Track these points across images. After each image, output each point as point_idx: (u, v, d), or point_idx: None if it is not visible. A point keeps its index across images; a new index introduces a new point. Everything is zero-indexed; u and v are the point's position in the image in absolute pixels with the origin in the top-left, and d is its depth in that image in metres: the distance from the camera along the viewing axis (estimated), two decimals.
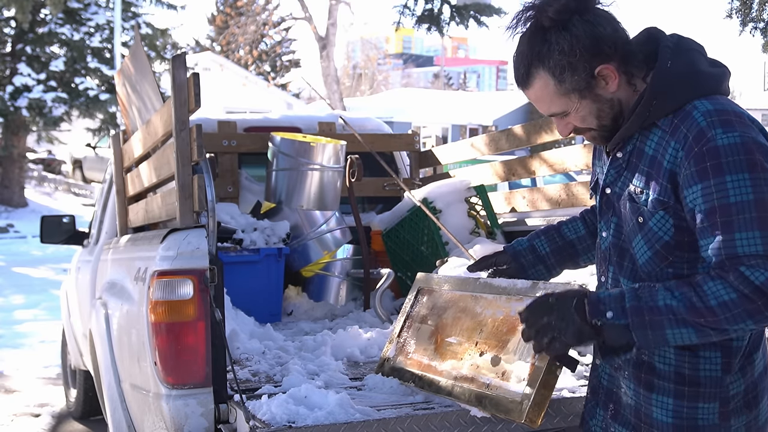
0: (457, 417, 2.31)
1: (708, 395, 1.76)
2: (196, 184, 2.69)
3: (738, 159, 1.62)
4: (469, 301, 2.41)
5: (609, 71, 1.75)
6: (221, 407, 2.55)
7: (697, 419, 1.77)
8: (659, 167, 1.72)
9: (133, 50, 3.69)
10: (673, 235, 1.73)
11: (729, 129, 1.65)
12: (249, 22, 26.87)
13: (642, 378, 1.82)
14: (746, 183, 1.61)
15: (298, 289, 4.31)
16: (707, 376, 1.76)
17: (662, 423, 1.79)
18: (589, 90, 1.76)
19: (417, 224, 4.12)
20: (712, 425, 1.77)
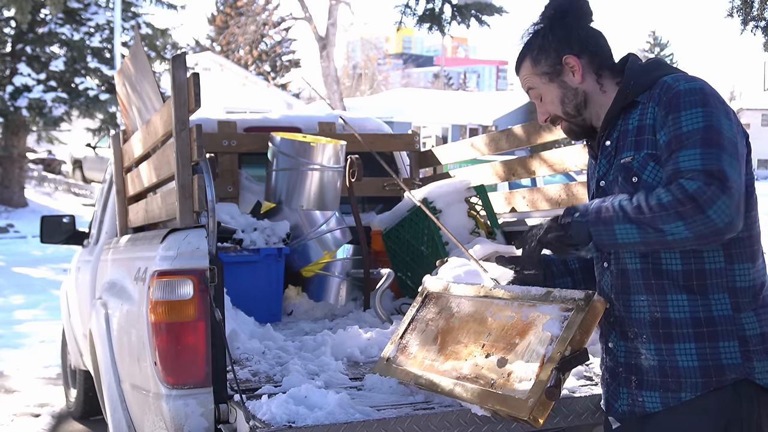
0: (457, 417, 2.31)
1: (726, 333, 1.89)
2: (196, 184, 2.68)
3: (694, 98, 1.88)
4: (479, 306, 2.40)
5: (573, 62, 2.04)
6: (221, 407, 2.55)
7: (721, 359, 1.89)
8: (644, 129, 1.95)
9: (133, 50, 3.69)
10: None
11: (692, 80, 1.93)
12: (249, 22, 26.88)
13: (661, 334, 1.93)
14: (698, 115, 1.85)
15: (298, 289, 4.31)
16: (720, 315, 1.90)
17: (689, 369, 1.90)
18: (557, 75, 2.07)
19: (417, 224, 4.12)
20: (736, 365, 1.89)
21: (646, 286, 1.95)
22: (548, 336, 2.05)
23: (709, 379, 1.89)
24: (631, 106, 2.00)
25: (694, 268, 1.92)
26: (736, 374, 1.89)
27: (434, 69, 71.19)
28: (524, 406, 1.99)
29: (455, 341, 2.40)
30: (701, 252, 1.91)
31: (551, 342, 2.03)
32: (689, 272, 1.92)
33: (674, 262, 1.93)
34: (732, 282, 1.91)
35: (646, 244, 1.84)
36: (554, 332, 2.04)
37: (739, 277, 1.91)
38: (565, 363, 1.96)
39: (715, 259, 1.91)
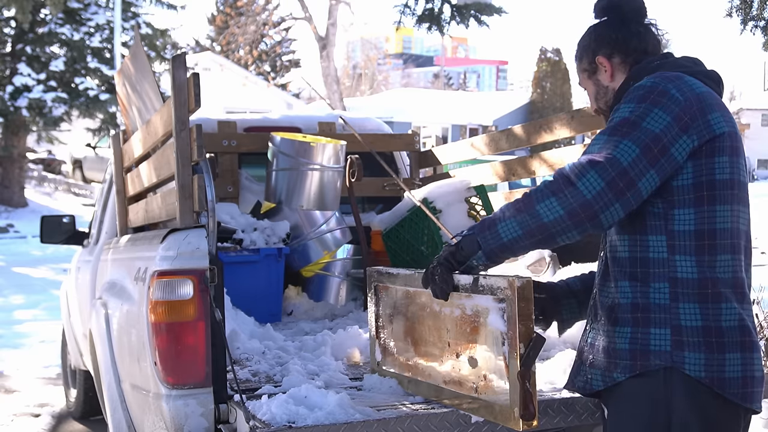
0: (457, 417, 2.31)
1: (659, 320, 1.96)
2: (196, 184, 2.68)
3: (636, 94, 1.98)
4: (423, 298, 2.40)
5: (603, 62, 2.17)
6: (221, 407, 2.55)
7: (649, 344, 1.96)
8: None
9: (133, 50, 3.69)
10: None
11: (653, 77, 2.02)
12: (249, 22, 26.89)
13: (611, 317, 2.04)
14: (629, 108, 1.95)
15: (298, 289, 4.31)
16: (657, 303, 1.97)
17: (622, 350, 2.00)
18: (592, 73, 2.21)
19: (417, 224, 4.12)
20: (664, 352, 1.95)
21: (612, 273, 2.06)
22: (498, 332, 2.07)
23: (635, 362, 1.97)
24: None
25: (639, 255, 2.00)
26: (662, 361, 1.95)
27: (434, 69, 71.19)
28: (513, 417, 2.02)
29: (423, 340, 2.41)
30: (646, 241, 1.99)
31: (503, 341, 2.05)
32: (634, 259, 2.01)
33: (624, 249, 2.03)
34: (673, 273, 1.96)
35: (529, 235, 1.93)
36: (501, 328, 2.06)
37: (680, 269, 1.96)
38: (527, 361, 1.99)
39: (658, 248, 1.98)
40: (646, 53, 2.15)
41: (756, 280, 5.30)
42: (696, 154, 1.95)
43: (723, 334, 1.93)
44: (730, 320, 1.95)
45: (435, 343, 2.35)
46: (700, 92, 1.99)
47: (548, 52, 42.48)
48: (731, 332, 1.94)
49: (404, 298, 2.52)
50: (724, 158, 1.97)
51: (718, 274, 1.96)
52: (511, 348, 2.02)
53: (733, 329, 1.94)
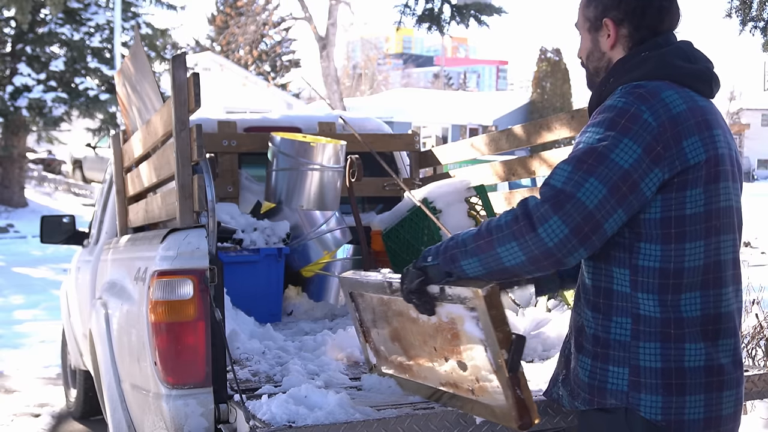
0: (456, 417, 2.31)
1: (617, 358, 1.87)
2: (196, 184, 2.69)
3: (607, 117, 1.82)
4: (399, 305, 2.31)
5: (609, 25, 1.97)
6: (221, 407, 2.55)
7: (607, 382, 1.88)
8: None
9: (133, 50, 3.69)
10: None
11: (626, 96, 1.84)
12: (249, 22, 26.87)
13: (578, 341, 1.97)
14: (597, 134, 1.81)
15: (298, 289, 4.31)
16: (616, 339, 1.87)
17: (582, 382, 1.94)
18: (594, 30, 2.01)
19: (417, 224, 4.12)
20: (620, 392, 1.86)
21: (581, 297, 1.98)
22: (477, 339, 2.02)
23: (593, 397, 1.91)
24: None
25: (603, 285, 1.89)
26: (617, 401, 1.87)
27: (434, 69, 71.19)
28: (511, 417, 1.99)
29: (410, 345, 2.38)
30: (611, 271, 1.87)
31: (485, 347, 2.00)
32: (598, 289, 1.91)
33: (588, 276, 1.93)
34: (636, 309, 1.85)
35: (492, 274, 1.86)
36: (479, 335, 2.01)
37: (642, 306, 1.84)
38: (512, 364, 1.94)
39: (622, 282, 1.86)
40: (656, 33, 1.94)
41: (756, 280, 5.32)
42: (666, 186, 1.80)
43: (685, 375, 1.83)
44: (695, 361, 1.83)
45: (422, 347, 2.32)
46: (677, 113, 1.82)
47: (548, 52, 42.48)
48: (694, 373, 1.83)
49: (380, 305, 2.48)
50: (696, 191, 1.81)
51: (684, 313, 1.83)
52: (494, 356, 1.97)
53: (696, 370, 1.83)
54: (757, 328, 4.62)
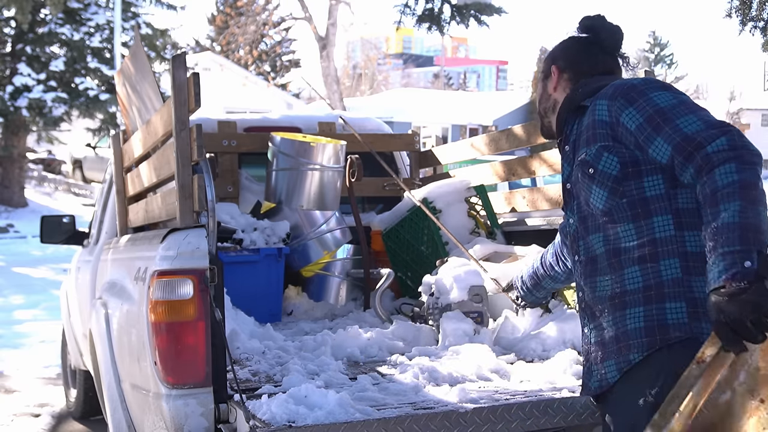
0: (457, 417, 2.31)
1: (673, 295, 1.97)
2: (196, 184, 2.69)
3: (655, 84, 2.05)
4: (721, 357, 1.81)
5: (554, 72, 2.30)
6: (221, 407, 2.55)
7: (666, 318, 1.96)
8: (593, 124, 2.09)
9: (133, 50, 3.69)
10: (619, 170, 2.03)
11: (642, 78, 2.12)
12: (249, 22, 26.87)
13: (617, 304, 2.05)
14: (668, 95, 2.00)
15: (298, 289, 4.31)
16: (669, 278, 1.98)
17: (635, 330, 2.00)
18: (544, 77, 2.34)
19: (417, 224, 4.12)
20: (682, 324, 1.95)
21: (610, 265, 2.07)
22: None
23: (653, 338, 1.97)
24: (579, 111, 2.18)
25: (646, 239, 2.01)
26: (681, 333, 1.95)
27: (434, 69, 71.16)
28: None
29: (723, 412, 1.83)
30: (652, 222, 2.01)
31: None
32: (642, 244, 2.02)
33: (631, 238, 2.03)
34: (683, 247, 1.98)
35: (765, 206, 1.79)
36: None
37: (689, 243, 1.98)
38: None
39: (665, 227, 2.00)
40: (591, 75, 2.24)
41: None
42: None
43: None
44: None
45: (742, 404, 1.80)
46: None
47: (548, 52, 42.39)
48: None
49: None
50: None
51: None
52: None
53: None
54: None
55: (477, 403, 2.42)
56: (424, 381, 2.70)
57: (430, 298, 3.42)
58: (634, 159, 2.02)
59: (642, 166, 2.02)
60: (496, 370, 2.82)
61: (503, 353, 3.09)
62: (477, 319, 3.28)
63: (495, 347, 3.14)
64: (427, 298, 3.44)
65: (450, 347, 3.11)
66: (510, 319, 3.27)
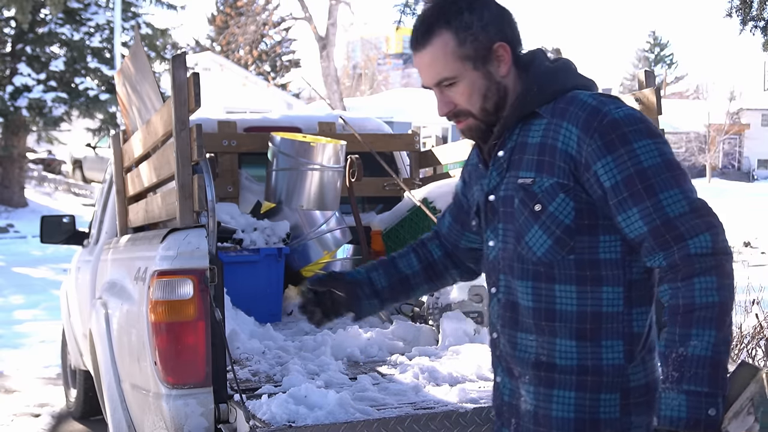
0: (457, 417, 2.31)
1: (610, 385, 1.69)
2: (196, 184, 2.69)
3: (638, 127, 1.64)
4: None
5: (504, 51, 1.74)
6: (221, 407, 2.55)
7: (599, 412, 1.69)
8: (553, 151, 1.69)
9: (133, 50, 3.69)
10: (573, 219, 1.68)
11: (619, 104, 1.68)
12: (249, 22, 26.87)
13: (542, 377, 1.73)
14: (652, 147, 1.63)
15: (298, 289, 4.31)
16: (610, 364, 1.69)
17: (563, 420, 1.70)
18: (483, 63, 1.74)
19: (417, 224, 4.12)
20: (614, 419, 1.69)
21: (537, 326, 1.73)
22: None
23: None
24: (530, 117, 1.75)
25: (590, 310, 1.69)
26: (612, 430, 1.69)
27: None
28: None
29: None
30: (600, 293, 1.68)
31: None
32: (584, 314, 1.69)
33: (569, 302, 1.70)
34: (629, 327, 1.69)
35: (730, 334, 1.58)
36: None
37: (636, 322, 1.70)
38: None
39: (614, 301, 1.68)
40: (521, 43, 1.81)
41: (756, 280, 5.32)
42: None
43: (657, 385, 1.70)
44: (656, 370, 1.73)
45: None
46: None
47: (548, 52, 42.40)
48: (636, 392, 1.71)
49: None
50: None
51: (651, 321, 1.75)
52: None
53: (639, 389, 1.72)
54: (757, 328, 4.62)
55: (477, 403, 2.42)
56: (424, 381, 2.70)
57: (430, 298, 3.42)
58: (592, 209, 1.67)
59: (599, 220, 1.67)
60: None
61: None
62: (477, 319, 3.28)
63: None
64: (427, 298, 3.44)
65: (450, 347, 3.11)
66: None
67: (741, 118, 41.28)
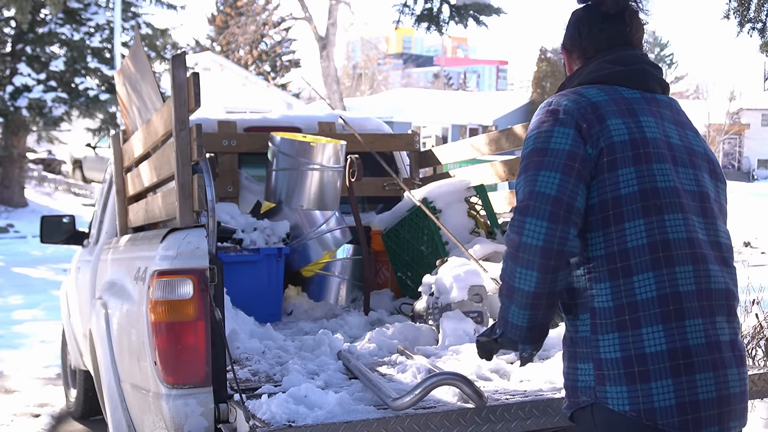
0: (457, 416, 2.31)
1: (584, 355, 1.89)
2: (196, 184, 2.69)
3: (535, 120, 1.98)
4: None
5: (564, 55, 2.18)
6: (221, 407, 2.55)
7: (578, 380, 1.91)
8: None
9: (133, 50, 3.69)
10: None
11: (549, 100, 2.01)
12: (249, 22, 26.88)
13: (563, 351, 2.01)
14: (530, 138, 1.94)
15: (298, 289, 4.31)
16: (581, 336, 1.90)
17: (564, 385, 1.99)
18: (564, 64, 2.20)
19: (417, 224, 4.12)
20: (588, 387, 1.87)
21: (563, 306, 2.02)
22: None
23: (569, 399, 1.96)
24: None
25: (571, 287, 1.94)
26: (588, 397, 1.88)
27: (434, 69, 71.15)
28: None
29: None
30: (575, 271, 1.92)
31: None
32: (569, 291, 1.95)
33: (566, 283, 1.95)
34: (591, 302, 1.88)
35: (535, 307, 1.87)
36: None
37: (597, 298, 1.86)
38: None
39: (579, 278, 1.91)
40: (599, 51, 2.06)
41: (756, 280, 5.31)
42: (597, 168, 1.87)
43: (646, 361, 1.79)
44: (655, 345, 1.80)
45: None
46: (597, 101, 1.93)
47: (548, 52, 42.47)
48: (656, 358, 1.79)
49: None
50: (627, 170, 1.86)
51: (637, 296, 1.82)
52: None
53: (659, 354, 1.79)
54: (757, 328, 4.62)
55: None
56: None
57: (430, 297, 3.42)
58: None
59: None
60: (496, 370, 2.82)
61: (503, 353, 3.09)
62: (477, 319, 3.28)
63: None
64: (427, 297, 3.44)
65: (450, 347, 3.11)
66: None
67: (741, 118, 41.28)
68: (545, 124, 1.92)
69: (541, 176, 1.84)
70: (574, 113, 1.90)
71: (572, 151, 1.86)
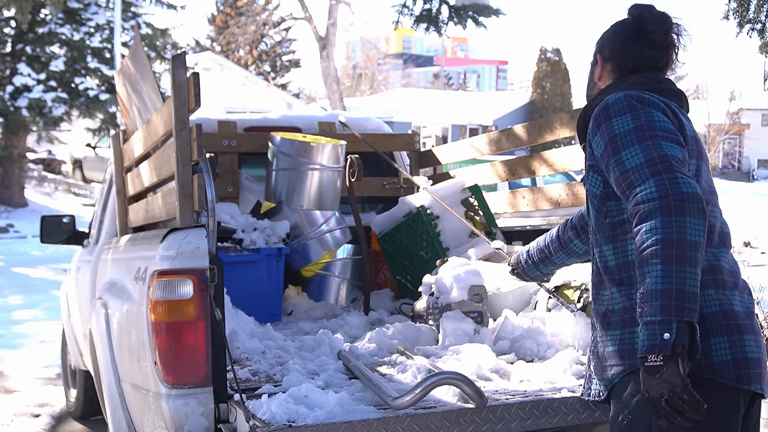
0: (457, 416, 2.31)
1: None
2: (196, 184, 2.69)
3: (621, 106, 2.04)
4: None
5: (599, 61, 2.29)
6: (221, 407, 2.55)
7: (635, 342, 1.96)
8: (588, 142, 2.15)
9: (133, 50, 3.69)
10: (602, 189, 2.11)
11: (617, 94, 2.09)
12: (249, 22, 26.88)
13: (605, 323, 2.12)
14: (627, 119, 2.01)
15: (298, 289, 4.31)
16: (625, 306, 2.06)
17: (613, 353, 2.06)
18: (593, 64, 2.32)
19: (414, 230, 4.10)
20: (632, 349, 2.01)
21: (602, 282, 2.15)
22: None
23: (624, 362, 2.03)
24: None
25: (622, 261, 2.07)
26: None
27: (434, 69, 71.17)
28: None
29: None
30: (627, 245, 2.05)
31: None
32: (620, 266, 2.07)
33: (611, 258, 2.10)
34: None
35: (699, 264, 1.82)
36: None
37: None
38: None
39: (633, 252, 1.99)
40: (634, 71, 2.21)
41: (756, 280, 5.32)
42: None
43: (705, 321, 1.93)
44: (710, 306, 1.97)
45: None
46: (663, 100, 2.10)
47: (548, 52, 42.48)
48: (713, 318, 1.96)
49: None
50: (693, 161, 2.06)
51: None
52: None
53: (714, 315, 1.96)
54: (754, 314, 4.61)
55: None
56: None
57: (430, 297, 3.42)
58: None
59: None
60: (496, 370, 2.82)
61: (503, 353, 3.09)
62: (477, 319, 3.28)
63: (495, 347, 3.14)
64: (427, 297, 3.44)
65: (450, 347, 3.11)
66: (510, 319, 3.28)
67: (741, 118, 41.29)
68: (637, 109, 2.01)
69: (663, 144, 1.93)
70: (658, 103, 2.04)
71: (672, 128, 2.00)
